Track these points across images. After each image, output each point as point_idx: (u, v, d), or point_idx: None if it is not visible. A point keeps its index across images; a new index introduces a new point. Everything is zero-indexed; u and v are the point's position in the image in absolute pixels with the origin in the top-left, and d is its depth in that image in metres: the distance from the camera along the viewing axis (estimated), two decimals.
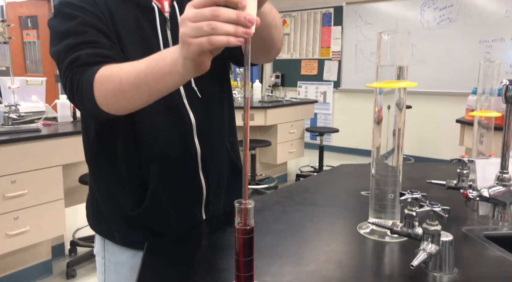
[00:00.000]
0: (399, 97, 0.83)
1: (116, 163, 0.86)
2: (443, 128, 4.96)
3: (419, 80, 5.09)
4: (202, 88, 0.89)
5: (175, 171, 0.87)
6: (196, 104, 0.88)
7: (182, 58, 0.60)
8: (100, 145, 0.87)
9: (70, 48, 0.76)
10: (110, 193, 0.88)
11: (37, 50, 6.27)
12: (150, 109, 0.79)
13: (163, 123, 0.85)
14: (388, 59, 0.82)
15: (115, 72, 0.69)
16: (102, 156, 0.88)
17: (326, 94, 6.10)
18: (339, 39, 5.82)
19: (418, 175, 1.29)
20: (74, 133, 2.26)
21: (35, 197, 2.12)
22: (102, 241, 0.92)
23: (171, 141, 0.86)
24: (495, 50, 4.55)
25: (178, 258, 0.73)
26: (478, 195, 0.89)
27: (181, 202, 0.88)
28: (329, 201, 1.05)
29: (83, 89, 0.72)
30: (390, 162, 0.83)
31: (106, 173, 0.88)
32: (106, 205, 0.89)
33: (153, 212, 0.85)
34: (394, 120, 0.83)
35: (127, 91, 0.68)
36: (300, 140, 4.33)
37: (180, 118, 0.86)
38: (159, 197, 0.85)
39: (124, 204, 0.86)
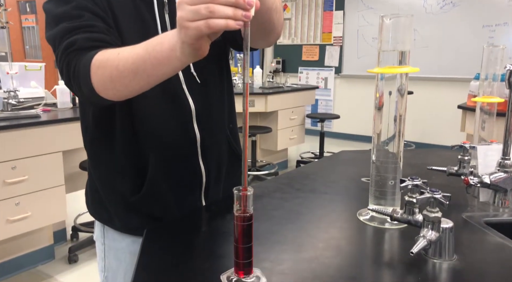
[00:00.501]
0: (401, 83, 0.82)
1: (114, 150, 0.85)
2: (445, 114, 4.94)
3: (421, 66, 5.04)
4: (201, 73, 0.87)
5: (175, 157, 0.86)
6: (195, 90, 0.87)
7: (180, 43, 0.59)
8: (98, 132, 0.87)
9: (66, 33, 0.74)
10: (109, 180, 0.88)
11: (36, 35, 6.22)
12: (148, 95, 0.78)
13: (162, 110, 0.84)
14: (390, 44, 0.80)
15: (112, 57, 0.68)
16: (101, 143, 0.87)
17: (327, 80, 6.06)
18: (341, 24, 5.75)
19: (419, 162, 1.28)
20: (74, 119, 2.25)
21: (36, 183, 2.12)
22: (102, 228, 0.92)
23: (170, 127, 0.85)
24: (498, 34, 4.49)
25: (177, 244, 0.73)
26: (479, 182, 0.89)
27: (180, 188, 0.88)
28: (329, 187, 1.04)
29: (79, 75, 0.71)
30: (391, 148, 0.83)
31: (105, 160, 0.87)
32: (105, 192, 0.89)
33: (152, 199, 0.85)
34: (396, 106, 0.82)
35: (124, 77, 0.67)
36: (301, 127, 4.31)
37: (179, 105, 0.85)
38: (158, 184, 0.85)
39: (123, 190, 0.86)
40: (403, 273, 0.63)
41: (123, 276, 0.90)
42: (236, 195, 0.58)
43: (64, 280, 2.25)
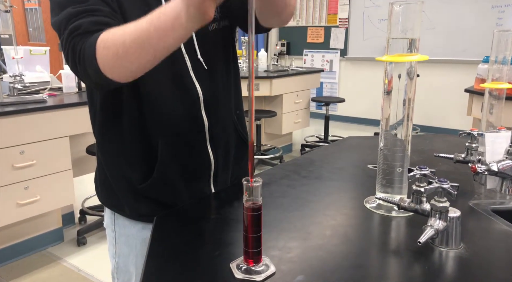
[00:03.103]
0: (410, 66, 0.81)
1: (123, 137, 0.86)
2: (452, 97, 4.90)
3: (428, 48, 4.97)
4: (208, 59, 0.87)
5: (183, 144, 0.87)
6: (202, 76, 0.87)
7: (186, 7, 0.60)
8: (107, 119, 0.87)
9: (71, 17, 0.74)
10: (118, 167, 0.88)
11: (39, 17, 6.17)
12: (156, 81, 0.79)
13: (169, 96, 0.84)
14: (400, 31, 0.79)
15: (117, 34, 0.68)
16: (110, 129, 0.87)
17: (332, 62, 6.00)
18: (347, 5, 5.65)
19: (425, 147, 1.28)
20: (80, 104, 2.26)
21: (44, 168, 2.15)
22: (112, 215, 0.94)
23: (179, 114, 0.85)
24: (507, 15, 4.41)
25: (187, 231, 0.74)
26: (487, 169, 0.89)
27: (189, 175, 0.89)
28: (335, 174, 1.05)
29: (85, 56, 0.70)
30: (399, 133, 0.82)
31: (114, 146, 0.88)
32: (115, 179, 0.90)
33: (161, 185, 0.86)
34: (405, 90, 0.82)
35: (131, 53, 0.67)
36: (306, 110, 4.30)
37: (187, 91, 0.85)
38: (167, 170, 0.86)
39: (133, 177, 0.87)
40: (410, 261, 0.64)
41: (134, 262, 0.91)
42: (246, 186, 0.58)
43: (74, 262, 2.30)
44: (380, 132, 0.84)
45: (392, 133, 0.82)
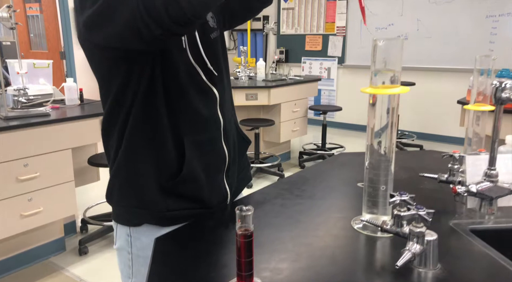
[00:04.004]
0: (394, 76, 0.86)
1: (153, 139, 0.92)
2: (447, 104, 4.96)
3: (424, 56, 5.05)
4: (216, 67, 0.98)
5: (205, 141, 0.97)
6: (215, 82, 0.98)
7: None
8: (138, 123, 0.91)
9: None
10: (148, 166, 0.92)
11: (41, 23, 6.23)
12: (181, 90, 0.90)
13: (193, 100, 0.93)
14: (382, 65, 0.85)
15: None
16: (140, 133, 0.91)
17: (330, 70, 6.08)
18: (344, 14, 5.73)
19: (414, 165, 1.34)
20: (82, 117, 2.32)
21: (47, 180, 2.21)
22: (128, 238, 0.96)
23: (201, 114, 0.95)
24: (502, 25, 4.48)
25: (185, 254, 0.80)
26: (466, 191, 0.95)
27: (210, 170, 0.98)
28: (327, 193, 1.11)
29: None
30: (384, 140, 0.87)
31: (145, 148, 0.92)
32: (142, 179, 0.92)
33: (188, 181, 0.94)
34: (388, 100, 0.86)
35: None
36: (303, 118, 4.36)
37: (206, 95, 0.96)
38: (194, 167, 0.94)
39: (162, 175, 0.92)
40: None
41: None
42: (238, 215, 0.64)
43: (75, 271, 2.36)
44: (366, 146, 0.90)
45: (377, 142, 0.88)
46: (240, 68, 4.20)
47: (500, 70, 2.33)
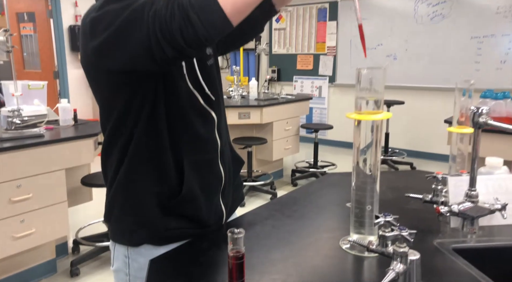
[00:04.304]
0: (377, 100, 0.90)
1: (155, 160, 0.95)
2: (436, 122, 5.06)
3: (413, 76, 5.17)
4: (213, 91, 1.03)
5: (204, 162, 1.00)
6: (213, 105, 1.02)
7: None
8: (140, 144, 0.94)
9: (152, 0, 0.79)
10: (149, 186, 0.95)
11: (34, 43, 6.28)
12: (182, 113, 0.95)
13: (193, 123, 0.98)
14: (366, 92, 0.90)
15: None
16: (142, 154, 0.95)
17: (321, 88, 6.18)
18: (334, 34, 5.87)
19: (400, 185, 1.38)
20: (76, 138, 2.34)
21: (40, 201, 2.21)
22: (126, 259, 0.98)
23: (200, 136, 0.99)
24: (485, 45, 4.63)
25: (179, 275, 0.82)
26: (449, 211, 0.99)
27: (208, 190, 1.01)
28: (316, 213, 1.14)
29: (198, 3, 0.74)
30: (369, 157, 0.91)
31: (146, 169, 0.95)
32: (143, 198, 0.95)
33: (187, 201, 0.97)
34: (373, 121, 0.90)
35: None
36: (295, 137, 4.42)
37: (205, 118, 1.01)
38: (192, 187, 0.97)
39: (162, 194, 0.96)
40: None
41: None
42: (230, 237, 0.67)
43: None
44: (352, 166, 0.94)
45: (362, 160, 0.91)
46: (233, 87, 4.26)
47: (484, 91, 2.41)
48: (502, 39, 4.53)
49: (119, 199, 0.98)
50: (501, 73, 4.56)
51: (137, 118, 0.92)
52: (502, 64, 4.56)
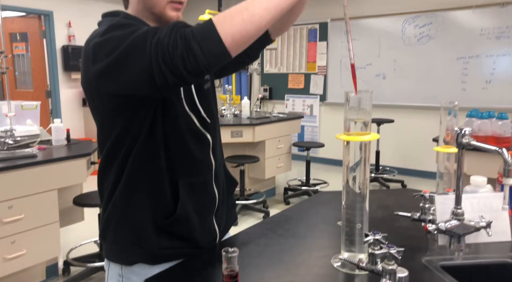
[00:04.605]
0: (365, 122, 0.94)
1: (151, 180, 0.98)
2: (424, 141, 5.13)
3: (402, 94, 5.27)
4: (209, 114, 1.06)
5: (198, 183, 1.03)
6: (208, 128, 1.06)
7: None
8: (137, 165, 0.97)
9: (156, 28, 0.84)
10: (144, 205, 0.97)
11: (26, 62, 6.30)
12: (178, 135, 0.98)
13: (189, 145, 1.01)
14: (355, 114, 0.94)
15: (236, 6, 0.81)
16: (139, 174, 0.97)
17: (312, 107, 6.26)
18: (325, 54, 5.99)
19: (390, 203, 1.41)
20: (69, 158, 2.35)
21: (31, 221, 2.20)
22: (120, 278, 0.99)
23: (196, 158, 1.02)
24: (471, 66, 4.76)
25: None
26: (436, 229, 1.02)
27: (201, 210, 1.03)
28: (308, 232, 1.17)
29: (202, 33, 0.78)
30: (358, 174, 0.94)
31: (142, 188, 0.98)
32: (138, 217, 0.97)
33: (181, 221, 0.99)
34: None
35: (255, 14, 0.80)
36: (288, 155, 4.45)
37: (200, 140, 1.04)
38: (187, 207, 0.99)
39: (157, 214, 0.98)
40: None
41: None
42: (224, 256, 0.69)
43: None
44: (342, 186, 0.96)
45: (352, 177, 0.94)
46: (226, 106, 4.31)
47: (470, 110, 2.48)
48: (486, 60, 4.67)
49: (114, 218, 1.00)
50: (486, 92, 4.68)
51: (135, 138, 0.95)
52: (487, 83, 4.68)
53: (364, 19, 5.47)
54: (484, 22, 4.64)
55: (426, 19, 5.02)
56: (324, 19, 5.88)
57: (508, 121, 2.34)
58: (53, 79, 5.63)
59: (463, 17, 4.76)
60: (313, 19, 5.97)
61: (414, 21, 5.11)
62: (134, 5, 1.01)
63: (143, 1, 0.98)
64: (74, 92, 5.84)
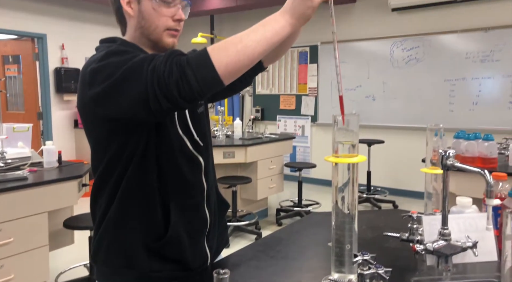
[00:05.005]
0: (352, 144, 0.96)
1: (143, 202, 0.99)
2: (414, 161, 5.19)
3: (391, 115, 5.36)
4: (202, 137, 1.08)
5: (190, 206, 1.04)
6: (201, 151, 1.07)
7: (302, 11, 0.85)
8: (130, 187, 0.98)
9: (152, 55, 0.87)
10: (135, 227, 0.98)
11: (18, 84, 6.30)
12: (171, 158, 0.99)
13: (181, 167, 1.02)
14: (342, 136, 0.97)
15: (231, 38, 0.84)
16: (131, 195, 0.98)
17: (304, 128, 6.32)
18: (315, 76, 6.10)
19: (380, 224, 1.43)
20: (60, 180, 2.34)
21: (21, 245, 2.17)
22: None
23: (188, 180, 1.03)
24: (458, 88, 4.88)
25: None
26: (424, 249, 1.04)
27: (193, 233, 1.04)
28: (300, 253, 1.18)
29: (196, 61, 0.82)
30: (347, 195, 0.96)
31: (134, 210, 0.99)
32: (129, 239, 0.98)
33: (172, 243, 0.99)
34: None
35: (248, 47, 0.83)
36: (280, 175, 4.47)
37: (193, 162, 1.05)
38: (178, 230, 1.00)
39: (148, 237, 0.98)
40: None
41: None
42: (216, 278, 0.70)
43: None
44: (332, 205, 0.98)
45: (340, 198, 0.96)
46: (218, 127, 4.34)
47: (457, 131, 2.53)
48: (472, 82, 4.80)
49: (106, 240, 1.01)
50: (473, 114, 4.78)
51: (129, 161, 0.97)
52: (474, 105, 4.79)
53: (354, 42, 5.61)
54: (469, 46, 4.78)
55: (413, 43, 5.16)
56: (314, 42, 6.02)
57: (494, 142, 2.39)
58: (45, 101, 5.63)
59: (449, 41, 4.91)
60: (304, 42, 6.11)
61: (401, 45, 5.26)
62: (132, 32, 1.04)
63: (141, 28, 1.02)
64: (66, 114, 5.84)
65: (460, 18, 4.84)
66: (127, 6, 1.01)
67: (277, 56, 1.20)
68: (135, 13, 1.01)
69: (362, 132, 5.52)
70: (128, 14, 1.03)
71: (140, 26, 1.02)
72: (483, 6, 4.70)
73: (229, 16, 6.79)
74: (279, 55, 1.20)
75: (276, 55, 1.19)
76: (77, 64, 5.71)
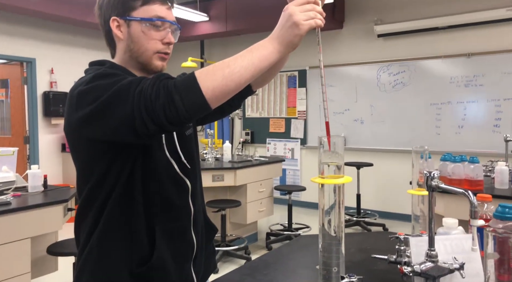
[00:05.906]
0: (338, 166, 0.97)
1: (128, 227, 0.97)
2: (403, 184, 5.22)
3: (379, 138, 5.42)
4: (189, 160, 1.07)
5: (176, 230, 1.02)
6: (188, 173, 1.06)
7: (290, 38, 0.86)
8: (116, 207, 0.96)
9: (140, 78, 0.87)
10: (120, 252, 0.96)
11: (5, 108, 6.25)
12: (158, 181, 0.98)
13: (168, 189, 1.01)
14: (328, 158, 0.98)
15: (219, 63, 0.84)
16: (116, 220, 0.96)
17: (293, 150, 6.34)
18: (304, 99, 6.18)
19: (369, 246, 1.42)
20: (44, 205, 2.29)
21: (1, 272, 2.09)
22: None
23: (174, 204, 1.02)
24: (444, 111, 4.97)
25: None
26: (412, 271, 1.03)
27: (179, 258, 1.01)
28: (287, 277, 1.16)
29: (184, 85, 0.82)
30: (333, 218, 0.96)
31: (118, 235, 0.96)
32: (113, 264, 0.96)
33: (157, 268, 0.96)
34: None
35: (235, 72, 0.83)
36: (269, 199, 4.44)
37: (179, 185, 1.04)
38: (163, 254, 0.97)
39: (133, 261, 0.96)
40: None
41: None
42: None
43: None
44: (319, 228, 0.97)
45: (327, 221, 0.96)
46: (207, 150, 4.33)
47: (444, 154, 2.56)
48: (457, 106, 4.90)
49: (90, 264, 0.98)
50: (459, 137, 4.86)
51: (114, 183, 0.96)
52: (460, 128, 4.88)
53: (341, 66, 5.72)
54: (452, 71, 4.91)
55: (399, 68, 5.29)
56: (303, 67, 6.12)
57: (480, 164, 2.42)
58: (32, 125, 5.58)
59: (434, 66, 5.04)
60: (293, 66, 6.21)
61: (388, 69, 5.37)
62: (121, 54, 1.05)
63: (130, 51, 1.03)
64: (53, 138, 5.78)
65: (443, 44, 4.98)
66: (117, 29, 1.03)
67: (266, 80, 1.22)
68: (125, 36, 1.03)
69: (351, 155, 5.56)
70: (117, 37, 1.04)
71: (130, 49, 1.03)
72: (465, 33, 4.85)
73: (219, 41, 6.90)
74: (267, 79, 1.21)
75: (265, 79, 1.21)
76: (66, 88, 5.67)
